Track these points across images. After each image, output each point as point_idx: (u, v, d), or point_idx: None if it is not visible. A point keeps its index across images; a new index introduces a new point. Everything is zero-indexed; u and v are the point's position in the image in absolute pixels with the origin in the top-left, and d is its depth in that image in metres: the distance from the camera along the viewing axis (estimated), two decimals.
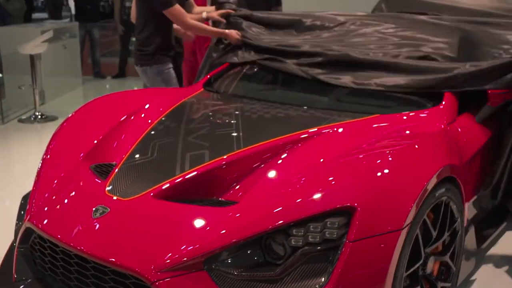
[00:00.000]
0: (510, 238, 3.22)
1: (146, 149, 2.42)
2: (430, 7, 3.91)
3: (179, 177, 2.15)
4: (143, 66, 3.95)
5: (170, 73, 3.94)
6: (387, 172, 2.07)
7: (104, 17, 9.84)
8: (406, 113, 2.63)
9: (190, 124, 2.65)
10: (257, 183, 2.11)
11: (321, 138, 2.37)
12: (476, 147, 2.70)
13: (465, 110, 2.80)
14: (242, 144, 2.34)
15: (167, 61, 3.90)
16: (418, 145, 2.30)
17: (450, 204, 2.28)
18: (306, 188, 2.01)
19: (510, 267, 2.93)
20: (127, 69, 8.86)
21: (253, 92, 3.17)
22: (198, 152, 2.31)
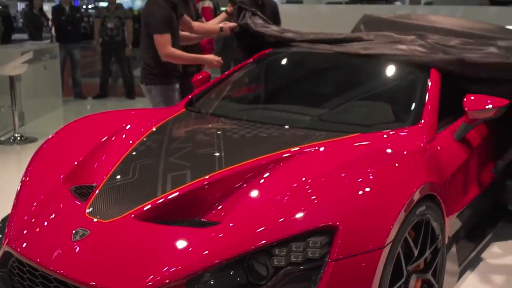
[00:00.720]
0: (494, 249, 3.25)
1: (127, 170, 2.40)
2: (408, 28, 4.00)
3: (161, 198, 2.13)
4: (148, 85, 3.96)
5: (173, 95, 3.93)
6: (368, 191, 2.08)
7: (85, 38, 9.83)
8: (386, 131, 2.66)
9: (172, 144, 2.64)
10: (239, 203, 2.11)
11: (303, 157, 2.38)
12: (455, 165, 2.73)
13: (444, 128, 2.85)
14: (224, 164, 2.34)
15: (173, 82, 3.91)
16: (398, 164, 2.33)
17: (431, 221, 2.30)
18: (289, 208, 2.01)
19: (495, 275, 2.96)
20: (108, 89, 8.83)
21: (235, 111, 3.18)
22: (180, 173, 2.31)
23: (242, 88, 3.61)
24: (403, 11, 7.75)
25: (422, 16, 4.37)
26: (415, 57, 3.15)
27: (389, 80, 3.25)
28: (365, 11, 4.98)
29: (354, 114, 3.00)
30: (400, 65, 3.22)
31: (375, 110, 2.98)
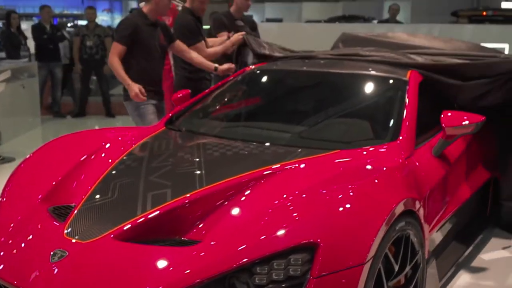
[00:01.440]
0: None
1: (107, 189, 2.38)
2: (385, 46, 4.08)
3: (141, 217, 2.11)
4: (125, 101, 4.10)
5: (146, 108, 4.02)
6: (349, 207, 2.09)
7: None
8: (365, 148, 2.69)
9: (152, 163, 2.63)
10: (220, 221, 2.10)
11: (284, 174, 2.38)
12: (434, 180, 2.77)
13: (422, 144, 2.89)
14: (205, 182, 2.33)
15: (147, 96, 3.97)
16: (378, 180, 2.35)
17: (410, 237, 2.32)
18: (270, 225, 2.01)
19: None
20: (88, 108, 8.77)
21: (215, 129, 3.18)
22: (160, 191, 2.29)
23: (223, 106, 3.63)
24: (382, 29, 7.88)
25: (398, 34, 4.48)
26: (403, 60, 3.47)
27: (368, 97, 3.29)
28: (343, 30, 5.07)
29: (334, 131, 3.02)
30: (379, 82, 3.28)
31: (355, 127, 3.01)
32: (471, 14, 9.51)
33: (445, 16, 9.63)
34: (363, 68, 3.49)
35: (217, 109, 3.56)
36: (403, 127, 2.81)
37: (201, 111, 3.45)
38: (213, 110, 3.53)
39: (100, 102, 8.67)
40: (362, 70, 3.44)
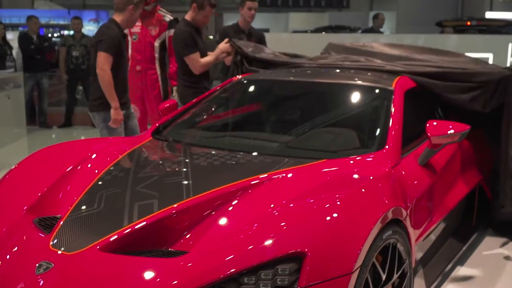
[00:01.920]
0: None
1: (93, 200, 2.36)
2: (370, 55, 4.14)
3: (127, 228, 2.10)
4: (92, 112, 4.08)
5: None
6: (336, 217, 2.10)
7: (52, 67, 9.72)
8: (352, 157, 2.70)
9: (139, 173, 2.62)
10: (208, 231, 2.09)
11: (271, 184, 2.39)
12: (420, 189, 2.79)
13: (409, 153, 2.91)
14: (192, 192, 2.32)
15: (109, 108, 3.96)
16: (365, 189, 2.36)
17: (397, 246, 2.33)
18: (257, 235, 2.01)
19: None
20: (74, 118, 8.71)
21: (203, 139, 3.18)
22: (147, 202, 2.28)
23: (210, 116, 3.62)
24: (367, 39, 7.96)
25: (382, 44, 4.55)
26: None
27: (354, 106, 3.32)
28: (330, 39, 5.11)
29: (321, 140, 3.04)
30: (365, 92, 3.31)
31: (341, 136, 3.02)
32: (455, 24, 9.65)
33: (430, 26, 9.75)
34: (349, 78, 3.52)
35: (204, 119, 3.56)
36: (389, 136, 2.83)
37: (188, 121, 3.44)
38: (200, 120, 3.53)
39: (87, 112, 8.62)
40: (348, 80, 3.47)
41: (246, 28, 5.18)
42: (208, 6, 4.54)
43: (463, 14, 10.74)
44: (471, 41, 8.12)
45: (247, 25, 5.17)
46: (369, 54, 4.20)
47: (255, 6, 5.08)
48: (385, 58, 4.08)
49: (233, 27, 5.21)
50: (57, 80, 9.49)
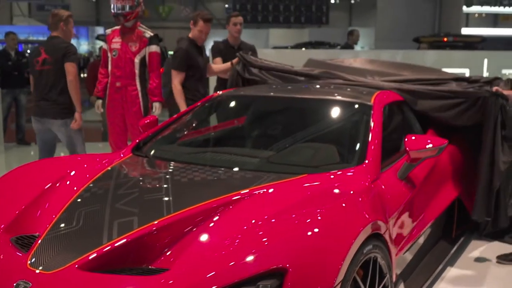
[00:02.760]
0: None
1: (72, 217, 2.33)
2: (348, 71, 4.21)
3: (107, 246, 2.08)
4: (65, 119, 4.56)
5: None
6: (317, 232, 2.11)
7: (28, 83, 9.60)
8: (333, 172, 2.72)
9: (118, 190, 2.59)
10: (189, 248, 2.08)
11: (252, 199, 2.39)
12: (400, 203, 2.81)
13: (388, 167, 2.94)
14: (173, 208, 2.31)
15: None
16: (346, 204, 2.37)
17: (378, 260, 2.34)
18: (239, 251, 2.00)
19: None
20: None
21: (183, 155, 3.17)
22: (127, 219, 2.26)
23: (190, 131, 3.62)
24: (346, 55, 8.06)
25: (360, 60, 4.64)
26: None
27: (334, 121, 3.35)
28: (310, 55, 5.17)
29: (302, 155, 3.05)
30: (344, 107, 3.34)
31: (322, 151, 3.04)
32: (432, 40, 9.81)
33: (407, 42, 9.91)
34: (328, 93, 3.55)
35: (185, 134, 3.56)
36: (368, 151, 2.85)
37: (169, 137, 3.43)
38: (181, 136, 3.52)
39: None
40: (328, 95, 3.50)
41: (236, 43, 5.33)
42: (201, 21, 4.80)
43: (440, 30, 10.94)
44: (448, 56, 8.28)
45: (236, 40, 5.35)
46: (348, 71, 4.26)
47: (239, 21, 5.28)
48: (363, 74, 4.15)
49: (223, 43, 5.39)
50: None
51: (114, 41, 4.84)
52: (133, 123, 4.78)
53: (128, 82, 4.80)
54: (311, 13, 16.74)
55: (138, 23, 4.88)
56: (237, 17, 5.30)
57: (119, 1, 4.66)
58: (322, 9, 16.59)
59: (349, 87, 3.78)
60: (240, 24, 5.29)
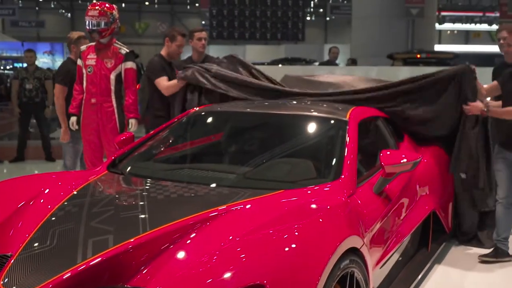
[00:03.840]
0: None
1: (45, 236, 2.29)
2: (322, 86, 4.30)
3: (82, 265, 2.04)
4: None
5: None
6: (294, 247, 2.11)
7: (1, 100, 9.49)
8: (310, 187, 2.73)
9: (93, 208, 2.56)
10: (165, 266, 2.06)
11: (229, 215, 2.38)
12: (376, 217, 2.83)
13: (364, 182, 2.97)
14: (149, 226, 2.29)
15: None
16: (322, 219, 2.38)
17: (355, 274, 2.35)
18: (216, 268, 1.99)
19: None
20: (27, 152, 8.47)
21: (159, 172, 3.15)
22: (102, 237, 2.23)
23: (167, 148, 3.60)
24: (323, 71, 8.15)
25: (333, 76, 4.76)
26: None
27: (311, 137, 3.37)
28: (287, 71, 5.22)
29: (279, 171, 3.06)
30: (320, 123, 3.38)
31: (299, 166, 3.06)
32: (406, 57, 9.99)
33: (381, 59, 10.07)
34: (305, 109, 3.58)
35: (161, 151, 3.54)
36: (344, 166, 2.88)
37: (145, 154, 3.41)
38: (157, 152, 3.51)
39: (40, 146, 8.41)
40: (304, 111, 3.53)
41: (199, 59, 5.18)
42: (179, 36, 4.91)
43: (414, 47, 11.16)
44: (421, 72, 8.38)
45: (200, 56, 5.17)
46: (323, 86, 4.33)
47: (204, 36, 5.14)
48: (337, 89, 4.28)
49: (186, 62, 5.23)
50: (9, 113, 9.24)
51: (89, 57, 4.80)
52: (109, 140, 4.73)
53: (103, 98, 4.76)
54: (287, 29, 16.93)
55: (114, 39, 4.86)
56: (201, 32, 5.16)
57: (94, 17, 4.64)
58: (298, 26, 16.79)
59: (325, 103, 3.83)
60: (205, 39, 5.15)
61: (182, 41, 4.93)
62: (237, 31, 16.83)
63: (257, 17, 16.78)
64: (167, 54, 4.93)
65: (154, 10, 34.18)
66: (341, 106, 3.63)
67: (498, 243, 3.97)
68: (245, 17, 16.71)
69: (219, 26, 16.20)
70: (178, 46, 4.91)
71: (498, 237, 3.97)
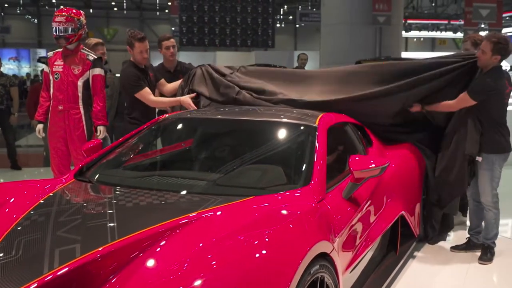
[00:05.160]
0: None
1: (10, 247, 2.23)
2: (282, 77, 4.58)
3: (48, 275, 2.00)
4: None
5: None
6: (265, 253, 2.11)
7: None
8: (280, 193, 2.74)
9: (60, 217, 2.51)
10: (135, 275, 2.03)
11: (200, 222, 2.37)
12: (345, 222, 2.86)
13: (333, 187, 2.99)
14: (118, 234, 2.26)
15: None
16: (293, 224, 2.39)
17: (325, 279, 2.36)
18: (187, 275, 1.98)
19: None
20: None
21: (128, 180, 3.11)
22: (69, 247, 2.19)
23: (136, 155, 3.57)
24: None
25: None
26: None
27: (281, 143, 3.39)
28: None
29: (249, 177, 3.06)
30: (291, 129, 3.40)
31: (269, 173, 3.07)
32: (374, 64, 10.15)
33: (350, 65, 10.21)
34: (275, 115, 3.60)
35: (131, 158, 3.50)
36: (314, 171, 2.90)
37: (113, 161, 3.37)
38: (126, 159, 3.47)
39: (5, 153, 8.21)
40: (274, 117, 3.55)
41: (172, 67, 5.20)
42: (136, 42, 4.64)
43: (381, 54, 11.35)
44: None
45: (171, 63, 5.20)
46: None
47: (172, 44, 5.11)
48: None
49: (158, 69, 5.21)
50: None
51: (56, 63, 4.73)
52: (76, 148, 4.66)
53: (70, 105, 4.69)
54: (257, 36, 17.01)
55: (81, 45, 4.80)
56: (168, 40, 5.10)
57: (61, 23, 4.57)
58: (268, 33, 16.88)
59: (295, 109, 3.85)
60: (173, 46, 5.11)
61: (140, 46, 4.63)
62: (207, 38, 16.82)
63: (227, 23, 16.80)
64: (134, 61, 4.74)
65: (123, 16, 33.87)
66: (311, 113, 3.67)
67: (471, 236, 4.28)
68: (215, 24, 16.72)
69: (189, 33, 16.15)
70: (139, 52, 4.64)
71: (471, 231, 4.29)
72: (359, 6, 10.98)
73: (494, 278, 3.87)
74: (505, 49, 3.87)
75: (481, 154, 3.98)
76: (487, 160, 3.96)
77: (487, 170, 3.98)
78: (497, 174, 3.99)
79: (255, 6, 16.24)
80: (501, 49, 3.85)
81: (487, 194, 4.01)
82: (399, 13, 11.71)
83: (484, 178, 4.00)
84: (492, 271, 3.94)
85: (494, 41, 3.85)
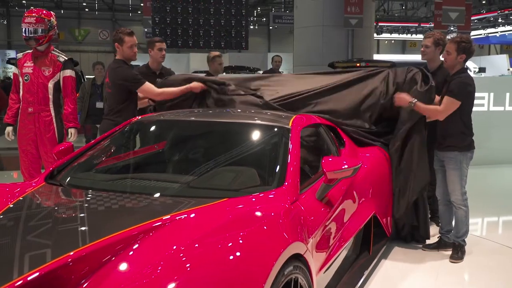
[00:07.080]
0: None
1: None
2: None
3: (18, 281, 1.95)
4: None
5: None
6: (239, 255, 2.11)
7: None
8: (254, 195, 2.74)
9: (30, 221, 2.46)
10: (107, 279, 2.01)
11: (173, 225, 2.35)
12: (319, 223, 2.88)
13: (307, 188, 3.01)
14: (90, 238, 2.22)
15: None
16: (266, 226, 2.40)
17: (299, 280, 2.37)
18: (160, 279, 1.96)
19: None
20: None
21: (100, 183, 3.07)
22: (39, 252, 2.14)
23: (108, 158, 3.53)
24: None
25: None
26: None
27: (254, 145, 3.39)
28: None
29: (223, 179, 3.06)
30: (264, 130, 3.40)
31: (243, 174, 3.07)
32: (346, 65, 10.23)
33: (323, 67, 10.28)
34: (248, 117, 3.61)
35: (102, 161, 3.46)
36: (288, 173, 2.91)
37: (85, 164, 3.32)
38: (98, 162, 3.42)
39: None
40: (248, 119, 3.55)
41: (157, 69, 5.22)
42: (126, 37, 4.55)
43: (353, 55, 11.45)
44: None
45: (158, 65, 5.23)
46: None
47: (164, 47, 5.18)
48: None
49: (142, 69, 5.20)
50: None
51: (26, 65, 4.65)
52: (47, 151, 4.59)
53: (41, 108, 4.62)
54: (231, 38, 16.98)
55: (52, 47, 4.73)
56: (162, 43, 5.17)
57: (31, 24, 4.50)
58: (241, 35, 16.87)
59: (269, 111, 3.86)
60: (164, 49, 5.18)
61: (130, 40, 4.55)
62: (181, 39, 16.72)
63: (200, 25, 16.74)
64: (124, 58, 4.59)
65: (94, 17, 33.46)
66: (284, 114, 3.68)
67: (442, 235, 4.37)
68: (189, 25, 16.64)
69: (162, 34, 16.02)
70: (129, 47, 4.55)
71: (442, 230, 4.38)
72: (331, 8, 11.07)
73: (465, 276, 3.95)
74: (469, 48, 3.98)
75: (447, 154, 4.08)
76: (455, 160, 4.06)
77: (455, 170, 4.07)
78: (465, 173, 4.09)
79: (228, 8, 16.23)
80: (465, 48, 3.96)
81: (457, 193, 4.10)
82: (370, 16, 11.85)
83: (452, 177, 4.09)
84: (463, 269, 4.03)
85: (457, 41, 3.96)
